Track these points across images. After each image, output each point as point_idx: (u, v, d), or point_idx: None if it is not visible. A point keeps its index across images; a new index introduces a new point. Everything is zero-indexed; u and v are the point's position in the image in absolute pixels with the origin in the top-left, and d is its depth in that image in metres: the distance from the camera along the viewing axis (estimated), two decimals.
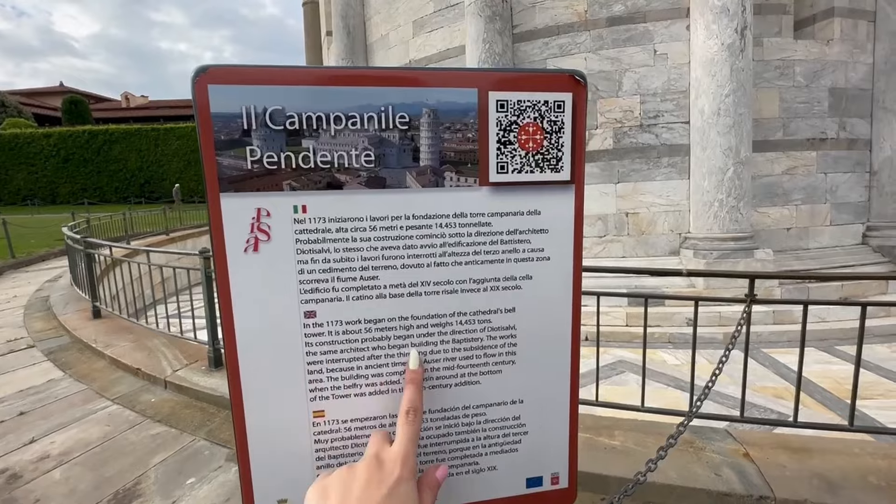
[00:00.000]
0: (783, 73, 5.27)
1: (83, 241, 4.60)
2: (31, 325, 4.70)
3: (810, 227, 5.49)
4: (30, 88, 48.49)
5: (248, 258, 0.39)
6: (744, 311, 1.94)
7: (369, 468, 0.36)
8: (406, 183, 0.40)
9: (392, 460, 0.36)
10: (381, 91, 0.38)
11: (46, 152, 25.78)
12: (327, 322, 0.41)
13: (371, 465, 0.36)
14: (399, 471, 0.36)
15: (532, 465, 0.47)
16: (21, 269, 8.67)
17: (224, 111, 0.36)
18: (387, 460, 0.36)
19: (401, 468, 0.36)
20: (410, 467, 0.37)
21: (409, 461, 0.37)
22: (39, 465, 2.26)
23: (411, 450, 0.38)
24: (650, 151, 5.39)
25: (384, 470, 0.36)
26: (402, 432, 0.38)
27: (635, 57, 5.31)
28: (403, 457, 0.37)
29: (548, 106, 0.41)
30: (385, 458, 0.37)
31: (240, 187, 0.38)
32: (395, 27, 7.15)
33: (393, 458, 0.37)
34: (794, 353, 2.07)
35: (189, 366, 3.20)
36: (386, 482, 0.35)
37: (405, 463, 0.36)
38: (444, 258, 0.42)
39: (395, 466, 0.36)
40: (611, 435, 2.11)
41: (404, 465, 0.36)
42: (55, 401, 2.97)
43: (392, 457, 0.37)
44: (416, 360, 0.42)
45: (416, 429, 0.39)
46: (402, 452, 0.37)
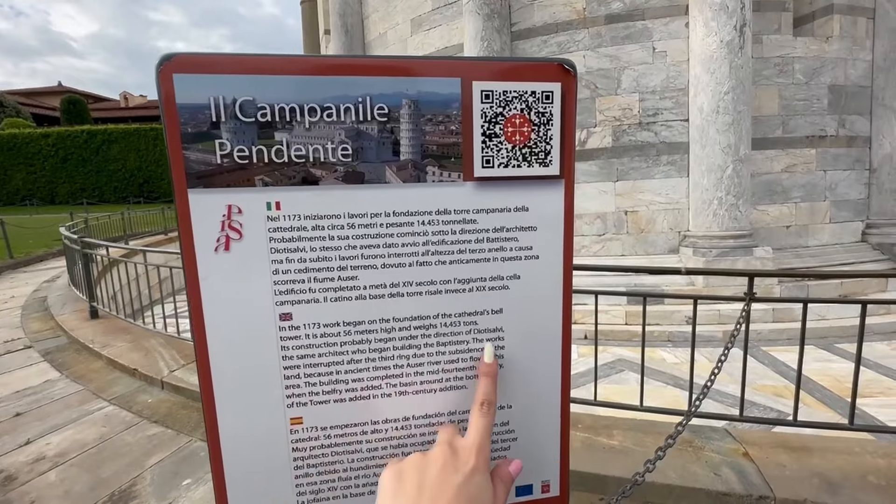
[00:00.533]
0: (782, 70, 5.24)
1: (80, 241, 4.58)
2: (28, 325, 4.68)
3: (810, 225, 5.48)
4: (28, 88, 48.42)
5: (218, 258, 0.37)
6: (743, 308, 1.92)
7: (444, 454, 0.35)
8: (386, 178, 0.38)
9: (467, 449, 0.36)
10: (358, 81, 0.36)
11: (45, 152, 25.71)
12: (304, 325, 0.39)
13: (445, 451, 0.35)
14: (474, 460, 0.35)
15: (522, 473, 0.45)
16: (19, 270, 8.65)
17: (191, 102, 0.34)
18: (461, 449, 0.36)
19: (476, 457, 0.35)
20: (485, 458, 0.36)
21: (484, 452, 0.36)
22: (35, 467, 2.24)
23: (486, 441, 0.37)
24: (649, 149, 5.36)
25: (459, 458, 0.35)
26: (476, 424, 0.37)
27: (634, 55, 5.29)
28: (478, 447, 0.36)
29: (535, 97, 0.39)
30: (459, 446, 0.36)
31: (209, 183, 0.36)
32: (393, 25, 7.11)
33: (468, 447, 0.36)
34: (793, 352, 2.06)
35: (186, 366, 3.18)
36: (462, 470, 0.34)
37: (480, 453, 0.36)
38: (426, 257, 0.40)
39: (471, 455, 0.35)
40: (609, 434, 2.09)
41: (479, 454, 0.35)
42: (51, 402, 2.95)
43: (467, 445, 0.36)
44: (490, 354, 0.41)
45: (490, 421, 0.38)
46: (477, 443, 0.36)
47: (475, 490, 0.33)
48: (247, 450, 0.40)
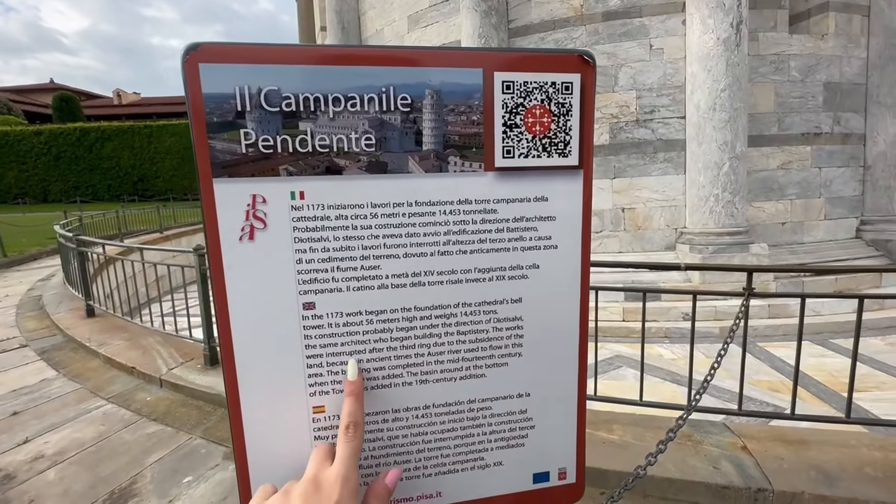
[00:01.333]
0: (778, 67, 5.28)
1: (75, 239, 4.55)
2: (23, 324, 4.65)
3: (805, 222, 5.52)
4: (19, 85, 47.89)
5: (243, 247, 0.37)
6: (742, 304, 1.94)
7: (305, 493, 0.34)
8: (408, 168, 0.39)
9: (331, 482, 0.35)
10: (381, 71, 0.36)
11: (37, 150, 25.45)
12: (327, 314, 0.39)
13: (308, 489, 0.34)
14: (338, 493, 0.34)
15: (539, 460, 0.46)
16: (13, 269, 8.58)
17: (216, 91, 0.34)
18: (325, 482, 0.35)
19: (340, 489, 0.34)
20: (350, 487, 0.35)
21: (350, 481, 0.35)
22: (34, 466, 2.23)
23: (352, 467, 0.36)
24: (646, 146, 5.38)
25: (322, 494, 0.34)
26: (342, 450, 0.37)
27: (631, 52, 5.30)
28: (344, 477, 0.35)
29: (555, 87, 0.39)
30: (323, 479, 0.35)
31: (234, 172, 0.36)
32: (390, 22, 7.09)
33: (332, 479, 0.35)
34: (788, 347, 2.08)
35: (184, 364, 3.17)
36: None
37: (345, 483, 0.35)
38: (448, 247, 0.40)
39: (335, 489, 0.34)
40: (609, 429, 2.11)
41: (344, 485, 0.35)
42: (49, 400, 2.93)
43: (331, 478, 0.35)
44: (354, 371, 0.40)
45: (357, 445, 0.37)
46: (343, 473, 0.35)
47: None
48: (270, 438, 0.40)
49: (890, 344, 4.01)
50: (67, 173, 25.60)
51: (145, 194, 24.23)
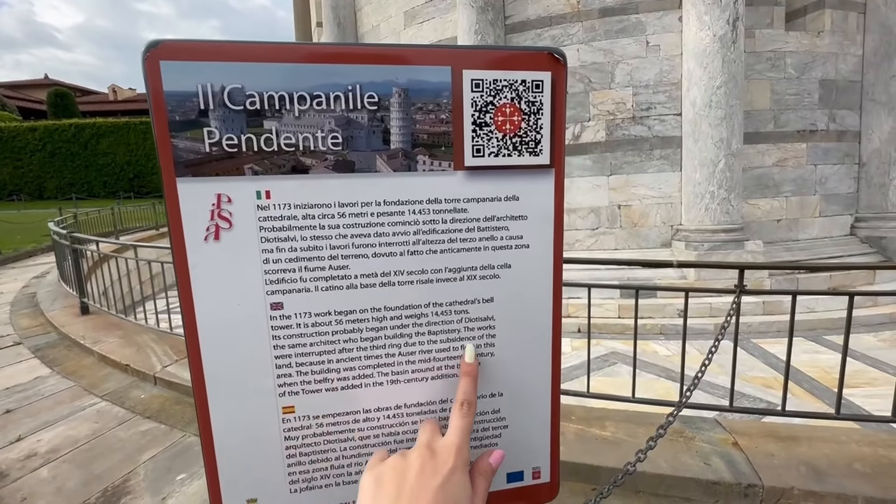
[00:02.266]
0: (774, 64, 5.27)
1: (70, 236, 4.52)
2: (17, 321, 4.63)
3: (800, 219, 5.54)
4: (13, 81, 47.52)
5: (208, 247, 0.36)
6: (733, 301, 1.95)
7: (422, 457, 0.36)
8: (376, 167, 0.38)
9: (446, 449, 0.36)
10: (348, 69, 0.36)
11: (32, 146, 25.29)
12: (295, 314, 0.39)
13: (424, 453, 0.36)
14: (453, 460, 0.36)
15: (512, 460, 0.46)
16: (7, 266, 8.53)
17: (178, 89, 0.34)
18: (440, 449, 0.37)
19: (455, 458, 0.36)
20: (464, 457, 0.37)
21: (463, 451, 0.37)
22: (26, 464, 2.23)
23: (465, 440, 0.38)
24: (642, 144, 5.38)
25: (437, 459, 0.36)
26: (456, 424, 0.38)
27: (628, 48, 5.29)
28: (458, 447, 0.37)
29: (525, 85, 0.39)
30: (437, 447, 0.37)
31: (198, 171, 0.35)
32: (387, 18, 7.05)
33: (447, 447, 0.37)
34: (782, 343, 2.09)
35: (179, 361, 3.17)
36: (440, 471, 0.35)
37: (459, 453, 0.36)
38: (417, 246, 0.40)
39: (449, 456, 0.36)
40: (602, 426, 2.12)
41: (458, 454, 0.36)
42: (42, 398, 2.93)
43: (446, 446, 0.37)
44: (471, 354, 0.41)
45: (470, 421, 0.39)
46: (456, 442, 0.37)
47: (453, 491, 0.34)
48: (239, 439, 0.40)
49: (882, 340, 4.03)
50: (63, 170, 25.45)
51: (141, 191, 24.13)
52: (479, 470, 0.39)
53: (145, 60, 0.33)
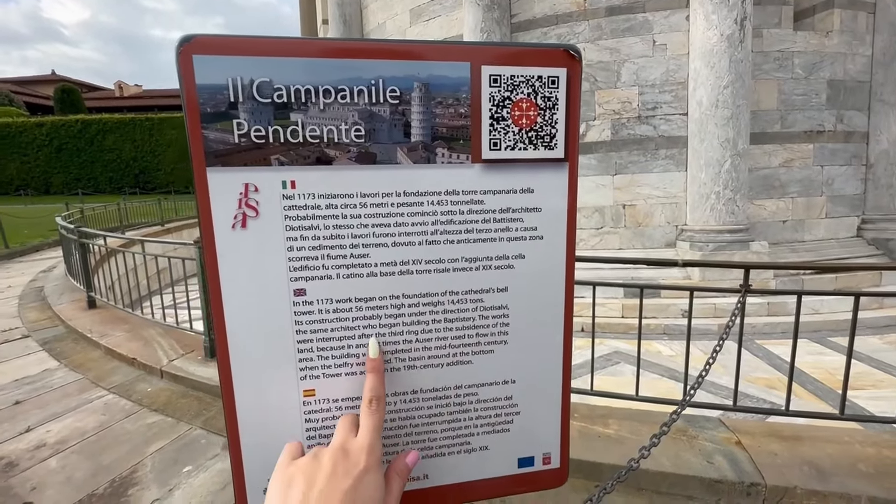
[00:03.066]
0: (782, 64, 5.25)
1: (77, 230, 4.56)
2: (25, 315, 4.68)
3: (806, 220, 5.52)
4: (21, 77, 47.84)
5: (235, 235, 0.38)
6: (738, 301, 1.95)
7: (334, 458, 0.36)
8: (397, 159, 0.39)
9: (357, 451, 0.37)
10: (371, 64, 0.37)
11: (39, 142, 25.47)
12: (317, 300, 0.40)
13: (336, 455, 0.36)
14: (365, 461, 0.36)
15: (524, 445, 0.47)
16: (15, 260, 8.61)
17: (210, 83, 0.35)
18: (352, 451, 0.37)
19: (366, 458, 0.36)
20: (376, 457, 0.37)
21: (375, 451, 0.37)
22: (36, 454, 2.26)
23: (376, 439, 0.38)
24: (648, 143, 5.37)
25: (349, 460, 0.36)
26: (366, 422, 0.38)
27: (634, 47, 5.28)
28: (369, 447, 0.37)
29: (542, 81, 0.40)
30: (350, 448, 0.37)
31: (227, 161, 0.37)
32: (392, 16, 7.06)
33: (358, 448, 0.37)
34: (787, 345, 2.09)
35: (185, 355, 3.20)
36: (351, 472, 0.35)
37: (371, 453, 0.37)
38: (435, 236, 0.41)
39: (361, 456, 0.36)
40: (605, 423, 2.13)
41: (370, 454, 0.36)
42: (50, 390, 2.96)
43: (357, 447, 0.37)
44: (375, 349, 0.41)
45: (380, 418, 0.39)
46: (368, 442, 0.37)
47: (366, 492, 0.34)
48: (262, 420, 0.41)
49: (888, 342, 4.02)
50: (69, 165, 25.62)
51: (146, 187, 24.25)
52: (396, 469, 0.39)
53: (179, 55, 0.34)
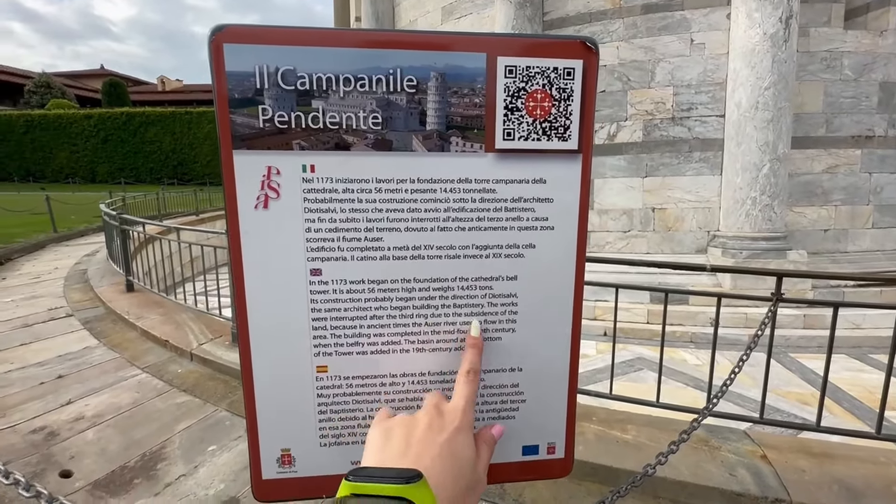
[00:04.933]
0: (830, 65, 4.98)
1: (119, 217, 4.81)
2: (70, 295, 4.97)
3: (850, 230, 5.23)
4: (73, 71, 50.63)
5: (258, 215, 0.40)
6: (769, 309, 1.88)
7: (430, 415, 0.38)
8: (412, 146, 0.41)
9: (451, 411, 0.38)
10: (390, 54, 0.39)
11: (87, 132, 26.96)
12: (332, 280, 0.42)
13: (431, 413, 0.38)
14: (459, 420, 0.37)
15: (529, 434, 0.47)
16: (62, 243, 9.14)
17: (238, 70, 0.37)
18: (446, 411, 0.38)
19: (460, 418, 0.38)
20: (469, 419, 0.38)
21: (468, 414, 0.39)
22: (74, 426, 2.41)
23: (470, 405, 0.39)
24: (681, 145, 5.21)
25: (444, 419, 0.37)
26: (462, 390, 0.40)
27: (670, 46, 5.12)
28: (463, 409, 0.38)
29: (557, 73, 0.40)
30: (444, 409, 0.39)
31: (252, 145, 0.39)
32: (424, 13, 7.09)
33: (453, 409, 0.39)
34: (822, 360, 1.99)
35: (213, 340, 3.33)
36: (447, 428, 0.36)
37: (465, 414, 0.38)
38: (447, 223, 0.42)
39: (455, 416, 0.38)
40: (623, 429, 2.09)
41: (464, 415, 0.38)
42: (90, 367, 3.14)
43: (451, 408, 0.39)
44: (477, 329, 0.44)
45: (475, 388, 0.41)
46: (462, 405, 0.39)
47: (458, 447, 0.36)
48: (277, 392, 0.43)
49: None
50: (114, 155, 27.00)
51: (184, 178, 25.26)
52: (483, 438, 0.41)
53: (211, 43, 0.36)
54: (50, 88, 35.07)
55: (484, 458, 0.39)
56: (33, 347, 3.52)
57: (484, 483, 0.38)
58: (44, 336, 3.76)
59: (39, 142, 27.18)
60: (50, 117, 27.25)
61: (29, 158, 27.49)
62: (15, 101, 38.36)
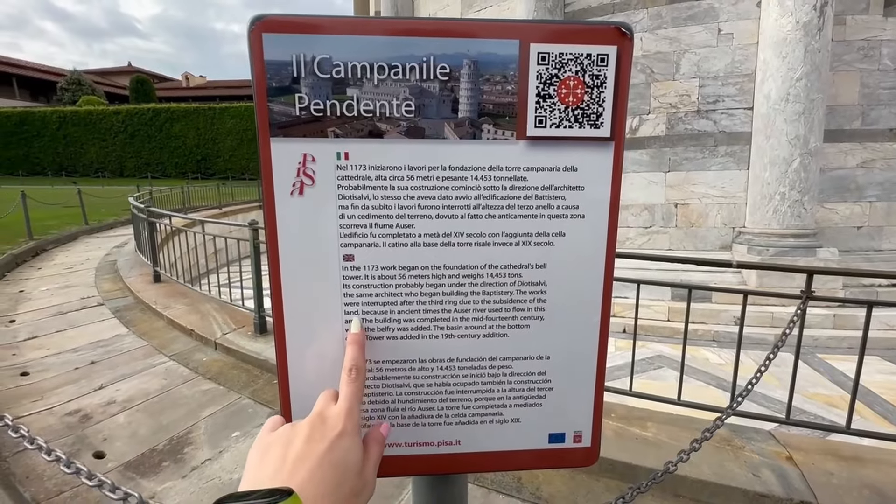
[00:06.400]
0: (867, 54, 4.77)
1: (147, 210, 4.96)
2: (100, 285, 5.16)
3: (885, 227, 5.02)
4: (101, 68, 52.20)
5: (293, 201, 0.41)
6: (798, 307, 1.82)
7: (312, 424, 0.37)
8: (444, 134, 0.41)
9: (335, 416, 0.37)
10: (423, 41, 0.39)
11: (116, 128, 27.81)
12: (364, 266, 0.43)
13: (314, 421, 0.37)
14: (342, 425, 0.36)
15: (555, 422, 0.48)
16: (93, 235, 9.49)
17: (276, 59, 0.38)
18: (330, 416, 0.37)
19: (343, 422, 0.37)
20: (353, 422, 0.37)
21: (353, 416, 0.38)
22: (107, 409, 2.51)
23: (355, 405, 0.38)
24: (706, 139, 5.08)
25: (327, 425, 0.36)
26: (346, 390, 0.39)
27: (696, 37, 4.98)
28: (347, 412, 0.37)
29: (590, 59, 0.40)
30: (328, 414, 0.38)
31: (288, 133, 0.40)
32: (444, 6, 7.06)
33: (336, 413, 0.37)
34: (854, 361, 1.93)
35: (237, 330, 3.41)
36: (328, 436, 0.35)
37: (349, 417, 0.37)
38: (478, 210, 0.43)
39: (338, 421, 0.37)
40: (643, 426, 2.07)
41: (347, 419, 0.37)
42: (120, 354, 3.27)
43: (335, 413, 0.37)
44: (357, 325, 0.43)
45: (359, 386, 0.40)
46: (346, 408, 0.38)
47: (340, 454, 0.35)
48: (309, 374, 0.45)
49: None
50: (141, 150, 27.79)
51: (207, 172, 25.85)
52: (373, 437, 0.40)
53: (250, 33, 0.37)
54: (81, 86, 36.27)
55: (373, 458, 0.38)
56: (68, 334, 3.67)
57: (372, 485, 0.37)
58: (77, 324, 3.93)
59: (72, 137, 28.18)
60: (81, 113, 28.21)
61: (62, 153, 28.55)
62: (48, 98, 39.86)
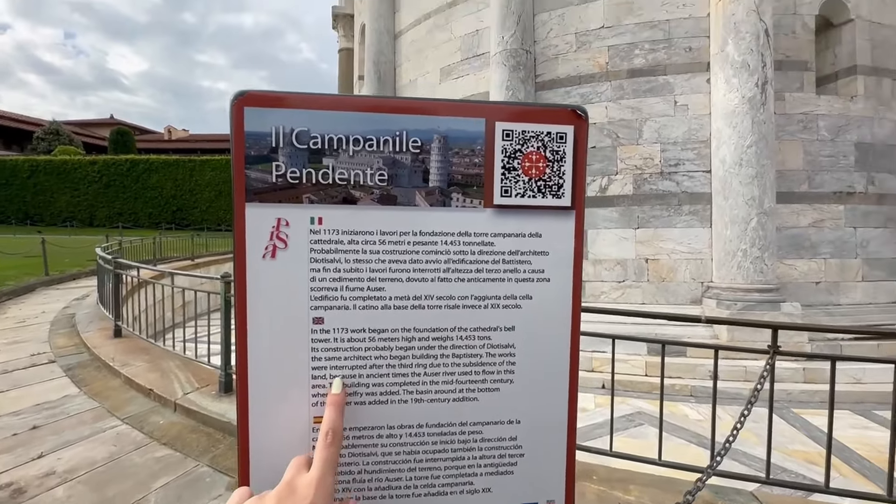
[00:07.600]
0: (806, 126, 5.28)
1: (114, 261, 4.80)
2: (54, 340, 4.84)
3: (840, 283, 5.30)
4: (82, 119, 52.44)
5: (265, 263, 0.41)
6: (766, 362, 1.86)
7: (279, 496, 0.35)
8: (415, 201, 0.43)
9: (305, 485, 0.35)
10: (397, 118, 0.42)
11: (90, 178, 27.44)
12: (334, 329, 0.43)
13: (281, 493, 0.35)
14: (312, 495, 0.34)
15: (527, 490, 0.46)
16: (52, 287, 9.02)
17: (256, 130, 0.40)
18: (300, 486, 0.35)
19: (314, 491, 0.35)
20: (325, 492, 0.35)
21: (324, 485, 0.36)
22: (44, 482, 2.26)
23: (328, 473, 0.36)
24: (671, 198, 5.39)
25: (296, 495, 0.34)
26: (320, 456, 0.37)
27: (656, 107, 5.44)
28: (318, 480, 0.35)
29: (550, 137, 0.44)
30: (298, 483, 0.36)
31: (263, 198, 0.41)
32: (424, 73, 7.54)
33: (307, 483, 0.35)
34: (826, 415, 1.95)
35: (200, 389, 3.21)
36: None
37: (319, 486, 0.35)
38: (447, 274, 0.44)
39: (309, 491, 0.35)
40: (626, 489, 2.00)
41: (318, 488, 0.35)
42: (67, 417, 3.00)
43: (305, 482, 0.35)
44: (339, 386, 0.42)
45: (335, 452, 0.38)
46: (317, 477, 0.36)
47: None
48: (272, 441, 0.42)
49: None
50: (114, 200, 27.33)
51: (182, 223, 25.45)
52: None
53: (233, 106, 0.40)
54: (59, 136, 36.15)
55: None
56: (10, 395, 3.38)
57: None
58: (23, 383, 3.62)
59: (42, 186, 27.59)
60: (55, 163, 27.86)
61: (30, 202, 27.77)
62: (22, 147, 39.37)
